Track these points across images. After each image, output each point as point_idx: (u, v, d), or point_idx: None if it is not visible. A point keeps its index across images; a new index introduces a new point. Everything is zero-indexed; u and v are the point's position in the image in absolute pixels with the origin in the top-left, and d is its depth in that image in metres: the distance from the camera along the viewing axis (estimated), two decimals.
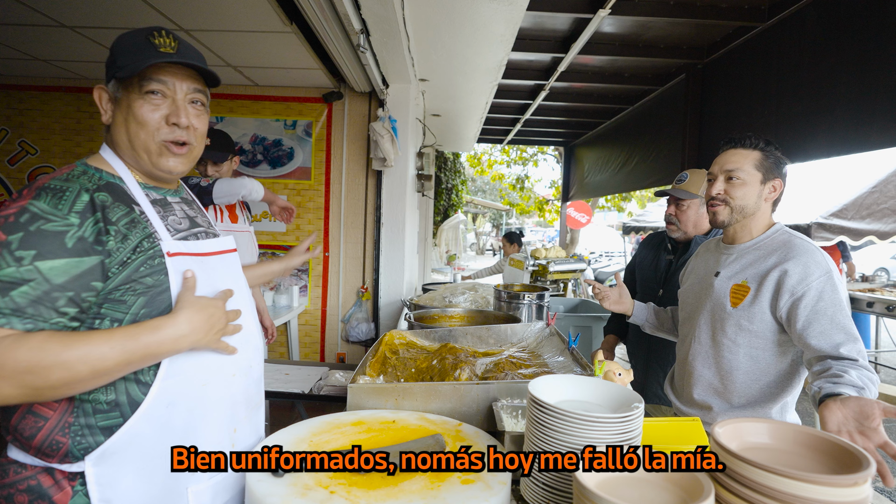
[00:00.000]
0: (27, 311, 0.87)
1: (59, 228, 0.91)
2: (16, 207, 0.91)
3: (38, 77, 4.14)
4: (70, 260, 0.91)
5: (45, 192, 0.93)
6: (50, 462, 0.96)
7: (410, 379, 1.67)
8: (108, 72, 1.05)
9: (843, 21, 2.97)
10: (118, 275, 0.96)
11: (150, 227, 1.02)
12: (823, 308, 1.42)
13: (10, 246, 0.88)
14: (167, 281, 1.00)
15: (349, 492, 0.95)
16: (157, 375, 0.98)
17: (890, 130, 2.68)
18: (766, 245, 1.58)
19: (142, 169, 1.09)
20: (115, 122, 1.06)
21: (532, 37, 4.27)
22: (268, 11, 2.73)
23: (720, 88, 4.27)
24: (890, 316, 5.35)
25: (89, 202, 0.95)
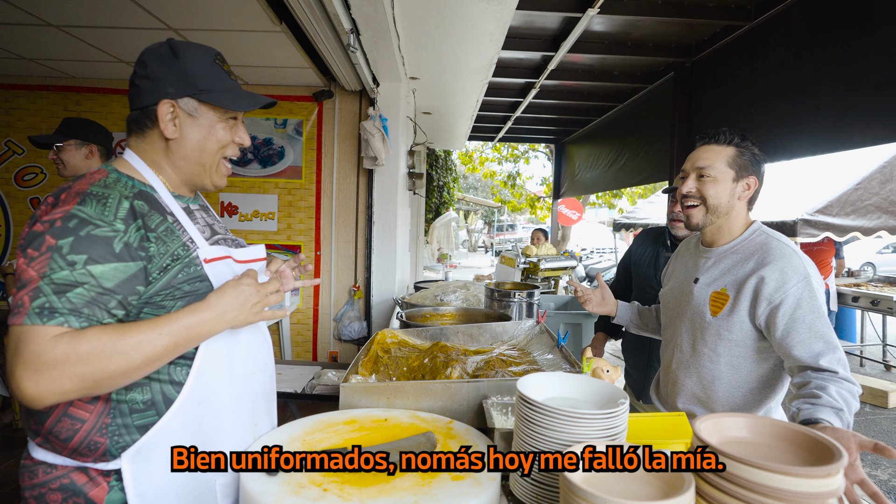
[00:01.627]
0: (83, 312, 0.90)
1: (107, 234, 0.94)
2: (61, 212, 0.93)
3: (24, 76, 4.11)
4: (118, 265, 0.94)
5: (90, 197, 0.95)
6: (85, 462, 0.98)
7: (402, 377, 1.69)
8: (178, 86, 1.06)
9: (827, 21, 3.02)
10: (159, 280, 1.00)
11: (185, 234, 1.06)
12: (801, 316, 1.37)
13: (62, 250, 0.90)
14: (205, 287, 1.05)
15: (342, 489, 0.97)
16: (189, 375, 1.03)
17: (873, 129, 2.74)
18: (744, 248, 1.53)
19: (182, 181, 1.13)
20: (183, 137, 1.08)
21: (522, 35, 4.30)
22: (257, 11, 2.73)
23: (708, 86, 4.32)
24: (875, 310, 5.45)
25: (130, 209, 0.98)
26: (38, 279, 0.88)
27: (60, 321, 0.87)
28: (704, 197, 1.52)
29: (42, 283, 0.88)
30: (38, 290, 0.88)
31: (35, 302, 0.87)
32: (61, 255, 0.90)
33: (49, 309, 0.87)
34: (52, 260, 0.89)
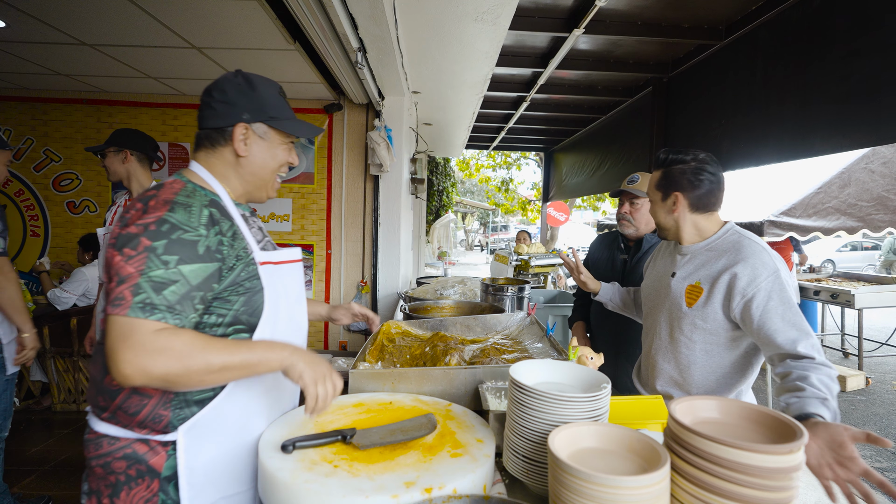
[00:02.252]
0: (176, 308, 0.96)
1: (193, 238, 1.00)
2: (153, 217, 0.99)
3: (60, 90, 4.09)
4: (202, 265, 1.00)
5: (177, 206, 1.02)
6: (149, 434, 1.04)
7: (405, 364, 1.69)
8: (253, 112, 1.13)
9: (791, 41, 3.02)
10: (227, 278, 1.06)
11: (243, 239, 1.11)
12: (774, 307, 1.38)
13: (157, 251, 0.96)
14: (260, 285, 1.11)
15: (351, 466, 0.97)
16: None
17: (832, 138, 2.74)
18: (718, 246, 1.53)
19: (243, 192, 1.20)
20: (252, 155, 1.16)
21: (514, 53, 4.29)
22: (272, 31, 2.72)
23: (683, 100, 4.32)
24: (834, 303, 5.46)
25: (209, 216, 1.05)
26: (137, 276, 0.93)
27: (159, 317, 0.93)
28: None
29: (141, 280, 0.93)
30: (139, 287, 0.93)
31: (137, 297, 0.92)
32: (157, 255, 0.95)
33: (150, 305, 0.93)
34: (149, 259, 0.95)
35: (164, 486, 1.03)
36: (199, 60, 3.27)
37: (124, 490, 1.03)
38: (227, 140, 1.14)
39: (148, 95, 4.15)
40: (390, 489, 0.88)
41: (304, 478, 0.92)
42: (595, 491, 0.75)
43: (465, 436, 1.10)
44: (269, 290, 1.12)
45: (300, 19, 2.30)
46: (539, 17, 3.53)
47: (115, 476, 1.04)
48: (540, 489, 1.00)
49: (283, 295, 1.18)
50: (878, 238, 12.26)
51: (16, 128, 4.15)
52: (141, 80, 3.77)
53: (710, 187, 1.52)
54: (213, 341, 0.97)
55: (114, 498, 1.04)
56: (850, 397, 4.75)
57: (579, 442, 0.91)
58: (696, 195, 1.52)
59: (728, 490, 0.78)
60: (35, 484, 2.72)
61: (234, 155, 1.15)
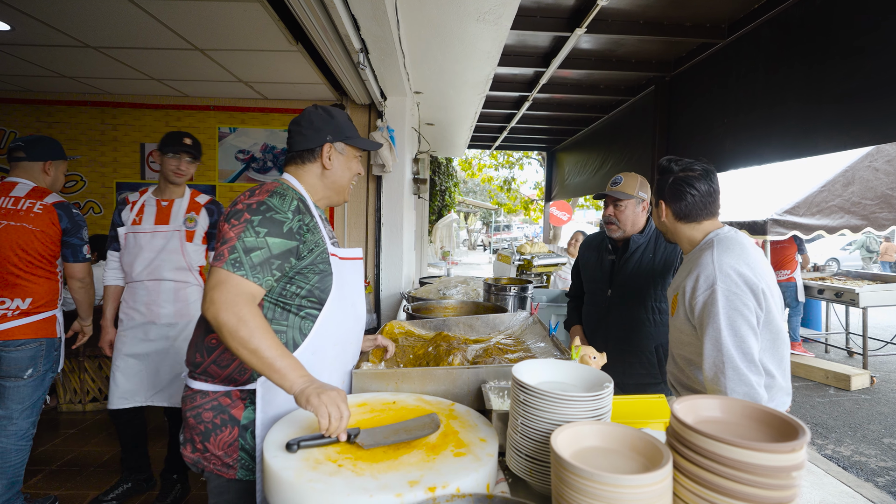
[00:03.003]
0: (257, 268, 1.20)
1: (282, 219, 1.26)
2: (256, 199, 1.27)
3: (65, 92, 4.12)
4: (284, 240, 1.25)
5: (275, 194, 1.29)
6: (234, 386, 1.29)
7: (409, 364, 1.70)
8: (334, 134, 1.42)
9: (794, 39, 3.01)
10: (307, 258, 1.31)
11: (321, 232, 1.36)
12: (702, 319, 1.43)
13: (253, 223, 1.23)
14: (330, 269, 1.36)
15: (355, 465, 0.98)
16: (311, 330, 1.31)
17: (835, 137, 2.73)
18: (693, 257, 1.57)
19: (324, 196, 1.46)
20: (334, 168, 1.44)
21: (516, 53, 4.29)
22: (275, 32, 2.73)
23: (685, 99, 4.31)
24: (838, 301, 5.44)
25: (297, 206, 1.31)
26: (235, 239, 1.20)
27: (243, 273, 1.18)
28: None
29: (237, 243, 1.20)
30: (234, 248, 1.20)
31: (231, 255, 1.19)
32: (252, 226, 1.22)
33: (239, 262, 1.19)
34: (246, 228, 1.22)
35: (242, 433, 1.28)
36: (201, 62, 3.28)
37: (212, 435, 1.28)
38: (316, 157, 1.42)
39: (151, 97, 4.17)
40: (394, 488, 0.89)
41: (308, 477, 0.93)
42: (598, 489, 0.76)
43: (469, 435, 1.11)
44: (336, 275, 1.36)
45: (302, 20, 2.31)
46: (541, 17, 3.53)
47: (205, 424, 1.28)
48: (543, 488, 1.00)
49: (346, 284, 1.41)
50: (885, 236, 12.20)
51: (21, 130, 4.18)
52: (144, 82, 3.79)
53: (692, 200, 1.55)
54: (267, 330, 1.14)
55: (205, 442, 1.29)
56: (855, 396, 4.74)
57: (582, 441, 0.91)
58: (679, 206, 1.57)
59: (730, 488, 0.78)
60: (41, 484, 2.74)
61: (320, 168, 1.43)
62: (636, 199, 2.11)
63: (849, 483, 3.05)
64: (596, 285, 2.27)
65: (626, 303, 2.13)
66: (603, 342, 2.20)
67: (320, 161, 1.42)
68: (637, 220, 2.14)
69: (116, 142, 4.21)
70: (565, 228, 12.69)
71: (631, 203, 2.11)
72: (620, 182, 2.13)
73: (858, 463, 3.44)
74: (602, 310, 2.21)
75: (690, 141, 4.19)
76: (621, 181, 2.13)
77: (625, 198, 2.09)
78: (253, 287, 1.20)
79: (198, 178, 4.25)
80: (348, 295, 1.43)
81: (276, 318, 1.30)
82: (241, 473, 1.29)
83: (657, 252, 2.11)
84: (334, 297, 1.36)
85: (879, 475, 3.30)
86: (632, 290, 2.12)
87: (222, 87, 3.89)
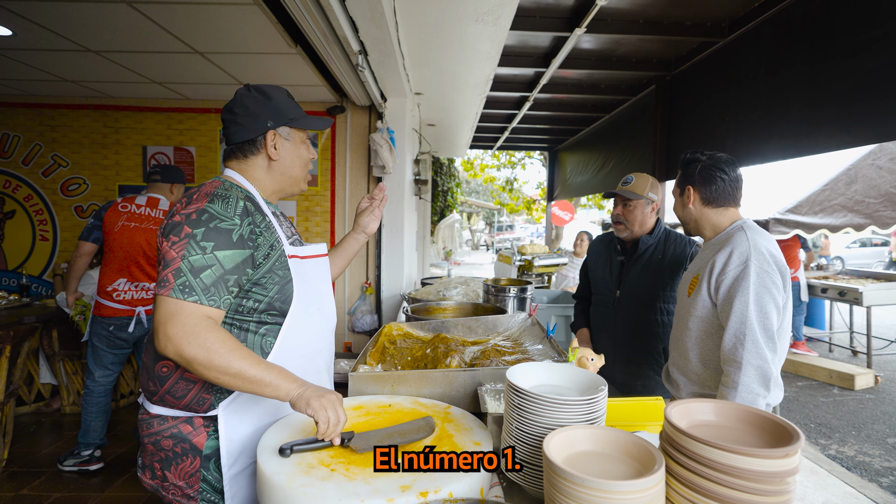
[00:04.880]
0: (210, 290, 1.06)
1: (228, 226, 1.11)
2: (194, 208, 1.10)
3: (67, 96, 4.14)
4: (235, 251, 1.11)
5: (216, 197, 1.13)
6: (194, 413, 1.17)
7: (407, 366, 1.69)
8: (275, 119, 1.24)
9: (794, 37, 2.99)
10: (263, 266, 1.17)
11: (275, 233, 1.22)
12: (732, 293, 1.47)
13: (196, 238, 1.07)
14: (290, 275, 1.22)
15: (348, 469, 0.97)
16: (274, 345, 1.20)
17: (837, 135, 2.71)
18: (719, 240, 1.60)
19: (275, 190, 1.30)
20: (281, 157, 1.27)
21: (516, 53, 4.28)
22: (274, 35, 2.73)
23: (686, 98, 4.29)
24: (842, 300, 5.40)
25: (244, 207, 1.15)
26: (179, 260, 1.06)
27: (196, 299, 1.05)
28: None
29: (182, 265, 1.05)
30: (179, 271, 1.05)
31: (178, 280, 1.04)
32: (195, 241, 1.07)
33: (188, 287, 1.04)
34: (189, 245, 1.06)
35: (204, 463, 1.17)
36: (202, 65, 3.29)
37: (172, 464, 1.18)
38: (259, 148, 1.25)
39: (153, 100, 4.18)
40: (386, 493, 0.88)
41: (300, 482, 0.92)
42: (589, 495, 0.75)
43: (463, 439, 1.10)
44: (297, 281, 1.22)
45: (300, 23, 2.31)
46: (540, 17, 3.52)
47: (164, 452, 1.18)
48: (537, 493, 0.99)
49: (311, 288, 1.28)
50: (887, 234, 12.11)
51: (24, 133, 4.20)
52: (146, 85, 3.80)
53: (722, 185, 1.61)
54: (241, 349, 1.05)
55: (165, 470, 1.18)
56: (860, 396, 4.70)
57: (575, 445, 0.90)
58: (709, 189, 1.62)
59: (723, 494, 0.77)
60: (45, 485, 2.75)
61: (266, 160, 1.26)
62: (646, 200, 2.10)
63: (853, 483, 3.02)
64: (604, 286, 2.26)
65: (635, 304, 2.13)
66: (611, 343, 2.20)
67: (265, 152, 1.25)
68: (645, 221, 2.13)
69: (119, 144, 4.23)
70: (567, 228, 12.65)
71: (640, 203, 2.10)
72: (631, 182, 2.12)
73: (862, 463, 3.41)
74: (610, 310, 2.21)
75: (692, 140, 4.17)
76: (632, 181, 2.12)
77: (634, 198, 2.08)
78: (210, 311, 1.07)
79: (199, 180, 4.26)
80: (313, 298, 1.30)
81: None
82: None
83: (666, 254, 2.11)
84: (297, 305, 1.23)
85: (884, 475, 3.27)
86: (640, 290, 2.12)
87: (223, 90, 3.90)
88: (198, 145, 4.26)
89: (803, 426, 4.03)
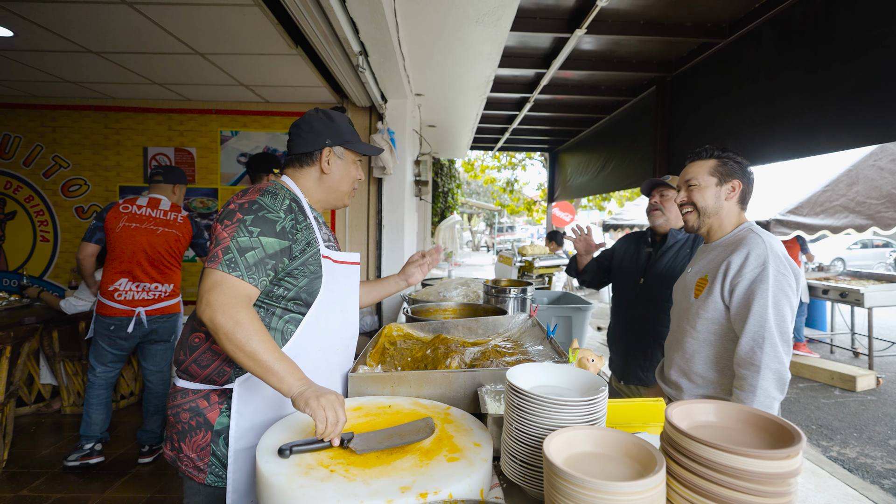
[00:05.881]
0: (252, 269, 1.20)
1: (274, 218, 1.26)
2: (247, 199, 1.27)
3: (68, 97, 4.14)
4: (277, 240, 1.25)
5: (266, 193, 1.29)
6: (213, 385, 1.29)
7: (406, 367, 1.69)
8: (333, 138, 1.41)
9: (795, 38, 2.99)
10: (298, 258, 1.30)
11: (314, 233, 1.35)
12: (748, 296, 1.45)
13: (246, 223, 1.22)
14: (321, 272, 1.35)
15: (347, 470, 0.97)
16: (294, 333, 1.30)
17: (838, 136, 2.70)
18: (730, 241, 1.59)
19: (321, 200, 1.45)
20: (332, 170, 1.42)
21: (517, 54, 4.28)
22: (275, 36, 2.74)
23: (687, 99, 4.29)
24: (843, 302, 5.39)
25: (289, 205, 1.31)
26: (228, 240, 1.20)
27: (238, 274, 1.18)
28: (693, 202, 1.64)
29: (231, 244, 1.20)
30: (228, 249, 1.19)
31: (226, 256, 1.18)
32: (245, 226, 1.22)
33: (234, 263, 1.18)
34: (239, 229, 1.21)
35: (214, 438, 1.29)
36: (203, 66, 3.29)
37: (188, 436, 1.29)
38: (315, 161, 1.41)
39: (154, 101, 4.19)
40: (385, 494, 0.88)
41: (299, 482, 0.92)
42: (589, 497, 0.74)
43: (463, 440, 1.10)
44: (326, 279, 1.35)
45: (301, 24, 2.31)
46: (541, 18, 3.52)
47: (182, 424, 1.30)
48: (537, 494, 0.99)
49: (338, 289, 1.40)
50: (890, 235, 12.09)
51: (25, 135, 4.21)
52: (147, 87, 3.80)
53: (752, 186, 1.65)
54: (263, 332, 1.13)
55: (181, 442, 1.31)
56: (861, 397, 4.68)
57: (575, 446, 0.90)
58: (748, 189, 1.63)
59: (725, 495, 0.77)
60: (44, 486, 2.74)
61: (319, 172, 1.42)
62: None
63: (854, 485, 3.01)
64: (629, 275, 2.35)
65: (657, 295, 2.19)
66: (627, 333, 2.30)
67: (319, 165, 1.41)
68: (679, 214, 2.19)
69: (119, 146, 4.23)
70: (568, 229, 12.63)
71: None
72: (668, 178, 2.26)
73: (864, 465, 3.40)
74: (631, 299, 2.31)
75: (693, 141, 4.17)
76: (669, 178, 2.26)
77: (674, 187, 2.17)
78: (249, 288, 1.19)
79: (200, 181, 4.27)
80: (338, 300, 1.41)
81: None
82: (211, 479, 1.29)
83: (693, 251, 2.18)
84: (322, 301, 1.34)
85: (885, 477, 3.26)
86: (664, 282, 2.17)
87: (224, 91, 3.91)
88: (198, 146, 4.26)
89: (804, 428, 4.02)
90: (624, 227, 9.16)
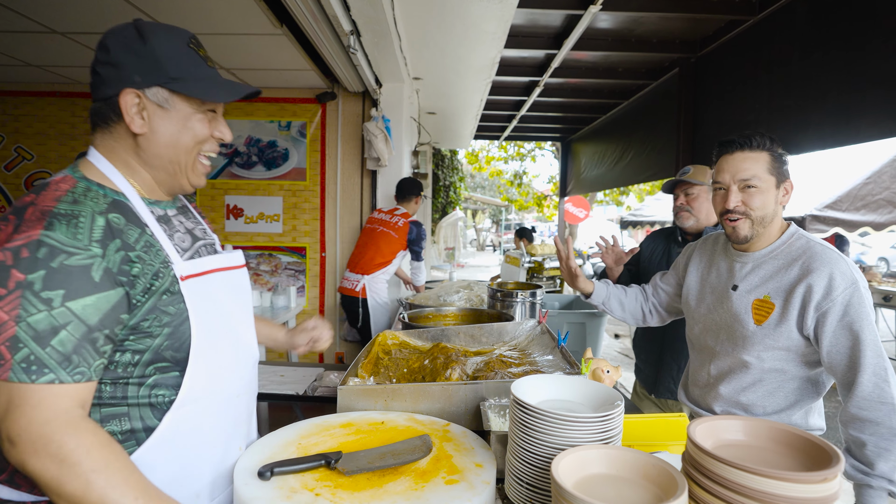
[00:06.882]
0: (72, 360, 0.80)
1: (84, 262, 0.82)
2: (25, 238, 0.80)
3: (32, 83, 4.16)
4: (100, 295, 0.83)
5: (58, 219, 0.82)
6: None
7: (402, 379, 1.68)
8: (145, 73, 0.92)
9: (833, 14, 2.97)
10: (144, 304, 0.89)
11: (160, 250, 0.94)
12: (848, 323, 1.31)
13: (34, 286, 0.79)
14: (186, 310, 0.94)
15: (334, 494, 0.96)
16: (172, 403, 0.94)
17: (880, 122, 2.69)
18: (785, 253, 1.44)
19: (156, 182, 1.01)
20: (153, 131, 0.95)
21: (525, 34, 4.28)
22: (257, 14, 2.74)
23: (713, 82, 4.27)
24: (887, 306, 5.37)
25: (106, 227, 0.86)
26: (12, 325, 0.77)
27: (51, 378, 0.78)
28: (751, 210, 1.40)
29: (18, 332, 0.77)
30: (17, 339, 0.77)
31: (17, 354, 0.77)
32: (34, 292, 0.78)
33: (35, 362, 0.78)
34: (25, 299, 0.78)
35: None
36: None
37: None
38: (119, 115, 0.93)
39: None
40: None
41: None
42: None
43: (463, 460, 1.09)
44: (197, 311, 0.96)
45: (286, 0, 2.31)
46: None
47: None
48: None
49: (220, 313, 1.03)
50: None
51: None
52: None
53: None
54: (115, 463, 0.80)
55: None
56: None
57: (587, 468, 0.89)
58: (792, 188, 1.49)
59: None
60: None
61: (130, 134, 0.95)
62: (708, 187, 2.15)
63: None
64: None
65: None
66: (661, 340, 2.25)
67: (124, 121, 0.94)
68: (711, 211, 2.16)
69: (88, 135, 4.24)
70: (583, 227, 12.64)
71: (704, 190, 2.16)
72: (689, 171, 2.20)
73: None
74: None
75: (719, 129, 4.15)
76: (690, 171, 2.19)
77: (697, 183, 2.15)
78: (72, 390, 0.81)
79: None
80: (223, 330, 1.04)
81: (106, 400, 0.90)
82: None
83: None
84: (200, 346, 0.96)
85: None
86: None
87: None
88: None
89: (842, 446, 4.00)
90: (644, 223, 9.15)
